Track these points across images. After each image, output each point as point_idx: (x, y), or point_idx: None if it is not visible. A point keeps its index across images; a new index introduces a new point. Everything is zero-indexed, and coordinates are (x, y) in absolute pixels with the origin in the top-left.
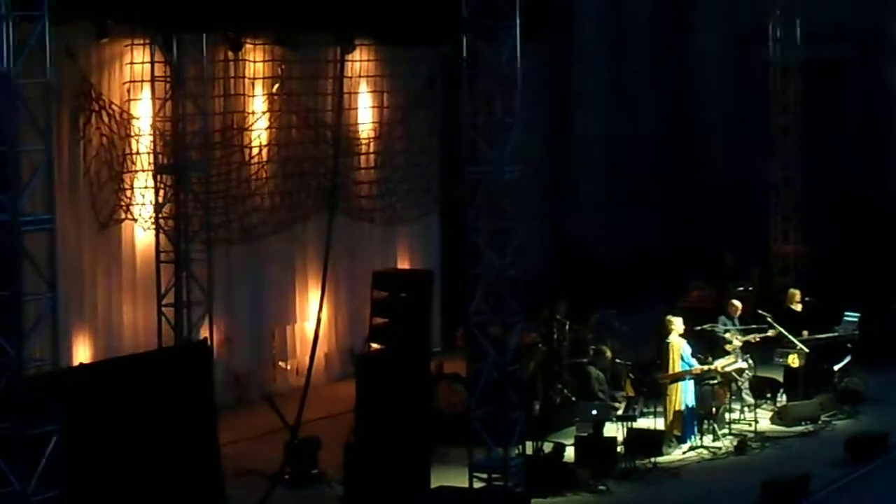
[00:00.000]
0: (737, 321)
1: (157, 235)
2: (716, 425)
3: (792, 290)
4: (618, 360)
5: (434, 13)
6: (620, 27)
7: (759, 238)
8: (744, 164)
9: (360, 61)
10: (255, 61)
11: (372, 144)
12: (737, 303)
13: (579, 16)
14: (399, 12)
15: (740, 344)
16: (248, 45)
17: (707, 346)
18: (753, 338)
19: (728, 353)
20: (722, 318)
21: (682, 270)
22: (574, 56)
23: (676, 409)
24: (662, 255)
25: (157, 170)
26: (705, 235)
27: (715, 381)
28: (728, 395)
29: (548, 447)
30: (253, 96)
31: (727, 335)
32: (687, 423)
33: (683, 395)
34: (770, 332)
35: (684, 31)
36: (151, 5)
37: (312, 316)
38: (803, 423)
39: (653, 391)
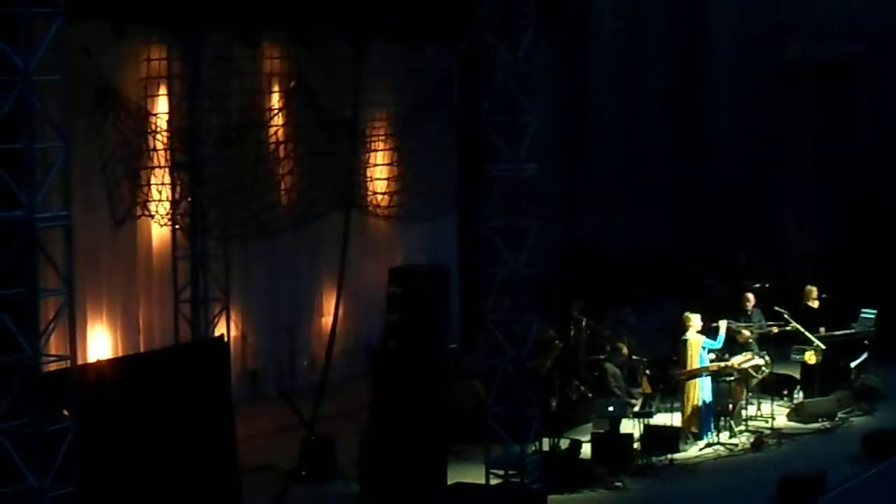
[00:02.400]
0: (751, 314)
1: (173, 232)
2: (732, 422)
3: (809, 287)
4: (634, 357)
5: (450, 11)
6: (634, 27)
7: (773, 236)
8: (757, 162)
9: (376, 58)
10: (272, 58)
11: (388, 141)
12: (749, 296)
13: (594, 15)
14: (415, 10)
15: (749, 335)
16: (264, 42)
17: (724, 342)
18: (770, 330)
19: (743, 346)
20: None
21: (697, 268)
22: (588, 56)
23: (694, 405)
24: (677, 252)
25: (174, 166)
26: (720, 233)
27: (732, 378)
28: (745, 392)
29: (564, 444)
30: (269, 93)
31: (736, 327)
32: (704, 420)
33: (700, 391)
34: (788, 327)
35: (698, 30)
36: (169, 2)
37: (329, 312)
38: (820, 419)
39: (669, 387)
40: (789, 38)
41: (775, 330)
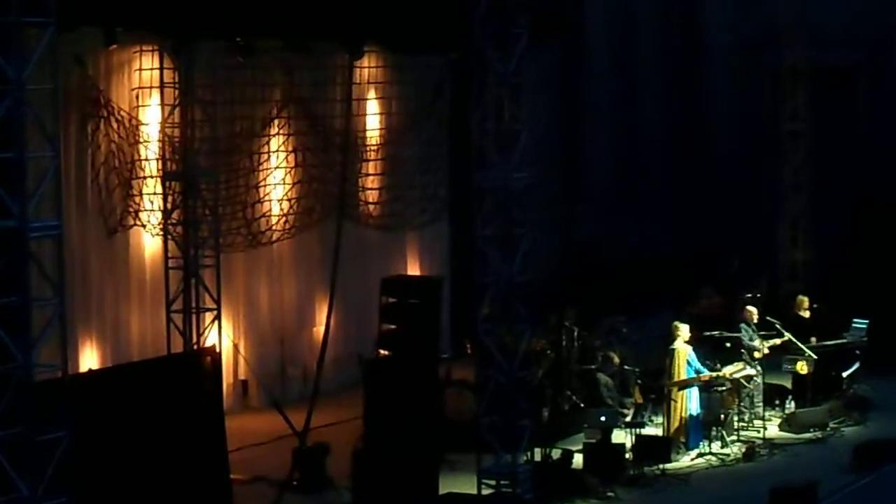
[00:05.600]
0: (754, 327)
1: (165, 242)
2: (724, 432)
3: (800, 297)
4: (626, 367)
5: (443, 20)
6: (630, 33)
7: (767, 244)
8: (753, 169)
9: (368, 68)
10: (265, 67)
11: (381, 151)
12: (752, 308)
13: (588, 22)
14: (408, 19)
15: (767, 351)
16: (257, 52)
17: (714, 352)
18: (776, 342)
19: (754, 359)
20: (743, 326)
21: (690, 277)
22: (583, 62)
23: (681, 416)
24: (671, 261)
25: (166, 176)
26: (714, 241)
27: (723, 388)
28: (736, 402)
29: (556, 454)
30: (262, 102)
31: (755, 343)
32: (691, 430)
33: (688, 402)
34: (780, 339)
35: (694, 35)
36: (160, 11)
37: (321, 322)
38: (812, 429)
39: (661, 398)
40: (786, 45)
41: (778, 342)
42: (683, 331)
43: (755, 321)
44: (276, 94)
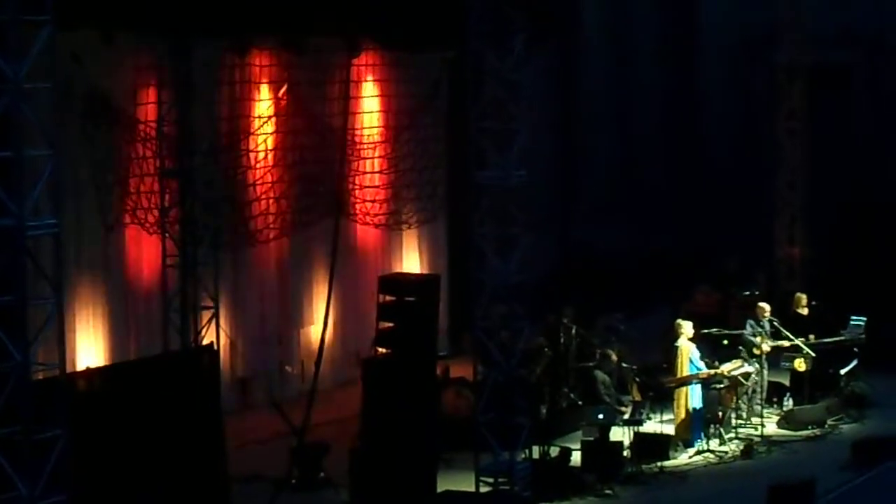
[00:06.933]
0: (766, 324)
1: (163, 240)
2: (722, 429)
3: (798, 295)
4: (624, 364)
5: (440, 18)
6: (626, 31)
7: (765, 242)
8: (750, 167)
9: (366, 66)
10: (262, 66)
11: (378, 149)
12: (764, 305)
13: (585, 20)
14: (406, 17)
15: (769, 349)
16: (254, 50)
17: (712, 349)
18: (783, 344)
19: (755, 356)
20: (750, 322)
21: (688, 275)
22: (580, 60)
23: (685, 411)
24: (668, 259)
25: (163, 174)
26: (711, 239)
27: (721, 385)
28: (734, 399)
29: (554, 451)
30: (259, 101)
31: (757, 339)
32: (694, 426)
33: (691, 398)
34: (788, 342)
35: (691, 34)
36: (158, 10)
37: (319, 320)
38: (810, 427)
39: (659, 395)
40: (783, 43)
41: (785, 344)
42: (686, 328)
43: (766, 318)
44: (274, 93)
